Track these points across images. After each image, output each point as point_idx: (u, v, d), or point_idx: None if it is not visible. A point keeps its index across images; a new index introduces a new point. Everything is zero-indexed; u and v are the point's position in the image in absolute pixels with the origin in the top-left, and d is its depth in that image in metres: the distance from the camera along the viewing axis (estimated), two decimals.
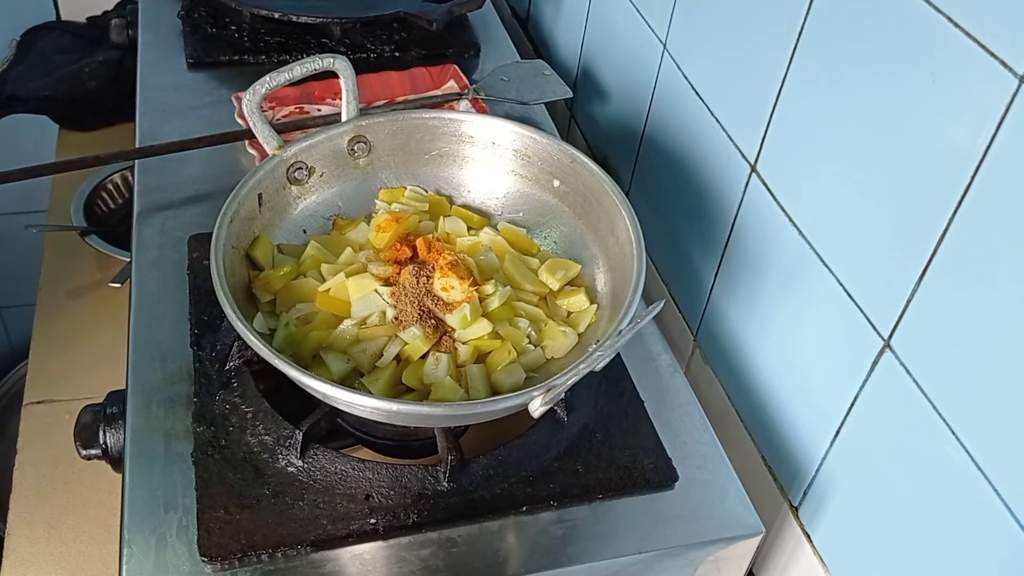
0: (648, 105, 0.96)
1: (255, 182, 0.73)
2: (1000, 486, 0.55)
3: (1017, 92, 0.51)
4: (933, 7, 0.56)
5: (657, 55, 0.93)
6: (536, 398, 0.58)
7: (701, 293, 0.88)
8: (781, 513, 0.77)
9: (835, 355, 0.69)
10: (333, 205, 0.80)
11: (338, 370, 0.67)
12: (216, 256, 0.65)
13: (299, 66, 0.73)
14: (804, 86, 0.70)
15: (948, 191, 0.56)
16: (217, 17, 1.13)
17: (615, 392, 0.75)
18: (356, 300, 0.70)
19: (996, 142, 0.53)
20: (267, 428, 0.68)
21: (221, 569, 0.62)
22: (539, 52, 1.28)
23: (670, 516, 0.69)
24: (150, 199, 0.89)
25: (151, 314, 0.78)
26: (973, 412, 0.57)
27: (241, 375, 0.72)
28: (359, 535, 0.64)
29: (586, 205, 0.77)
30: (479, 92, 1.03)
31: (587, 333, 0.72)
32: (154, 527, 0.64)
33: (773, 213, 0.75)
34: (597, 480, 0.69)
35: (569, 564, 0.65)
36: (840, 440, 0.69)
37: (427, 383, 0.67)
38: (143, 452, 0.68)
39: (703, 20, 0.84)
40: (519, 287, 0.74)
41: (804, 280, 0.72)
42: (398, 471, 0.67)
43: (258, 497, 0.65)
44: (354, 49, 1.11)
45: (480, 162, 0.82)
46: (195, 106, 1.02)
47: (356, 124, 0.79)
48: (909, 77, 0.59)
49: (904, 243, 0.60)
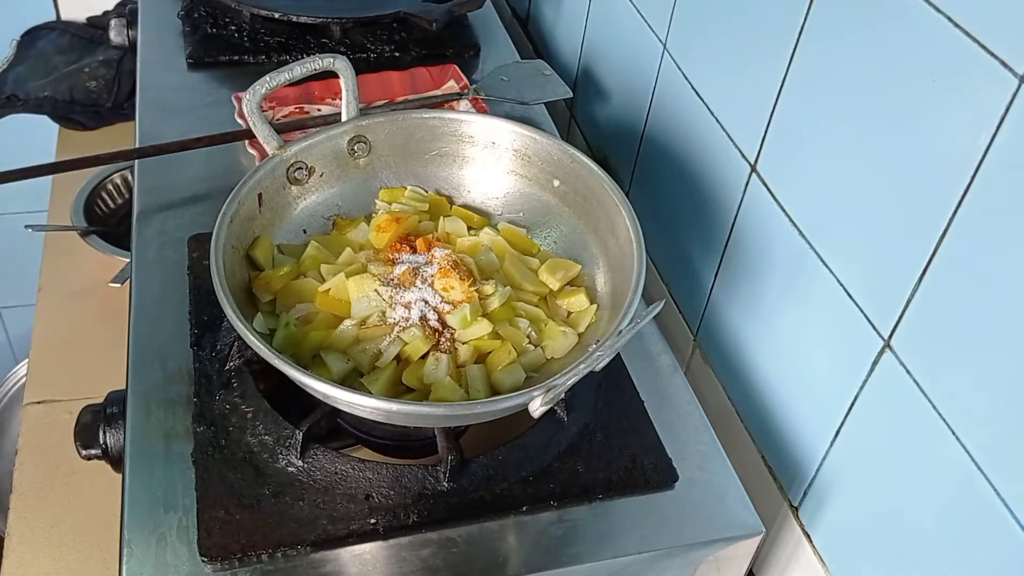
0: (648, 105, 0.96)
1: (255, 182, 0.73)
2: (1000, 486, 0.55)
3: (1017, 92, 0.51)
4: (933, 7, 0.56)
5: (657, 55, 0.93)
6: (536, 398, 0.58)
7: (701, 293, 0.88)
8: (781, 513, 0.77)
9: (835, 355, 0.69)
10: (333, 205, 0.80)
11: (338, 370, 0.67)
12: (216, 256, 0.65)
13: (299, 66, 0.73)
14: (804, 86, 0.70)
15: (948, 191, 0.56)
16: (217, 17, 1.13)
17: (615, 392, 0.75)
18: (356, 300, 0.70)
19: (996, 142, 0.53)
20: (267, 428, 0.68)
21: (221, 569, 0.62)
22: (539, 52, 1.28)
23: (670, 516, 0.69)
24: (150, 199, 0.89)
25: (151, 314, 0.78)
26: (973, 412, 0.57)
27: (241, 375, 0.72)
28: (359, 535, 0.64)
29: (586, 205, 0.77)
30: (479, 92, 1.03)
31: (587, 333, 0.72)
32: (154, 527, 0.64)
33: (773, 213, 0.75)
34: (597, 480, 0.69)
35: (569, 564, 0.65)
36: (840, 440, 0.69)
37: (427, 383, 0.67)
38: (143, 452, 0.68)
39: (703, 20, 0.84)
40: (519, 287, 0.74)
41: (804, 280, 0.72)
42: (398, 471, 0.67)
43: (258, 497, 0.65)
44: (354, 49, 1.11)
45: (480, 162, 0.82)
46: (195, 106, 1.02)
47: (356, 124, 0.79)
48: (909, 77, 0.59)
49: (904, 243, 0.60)
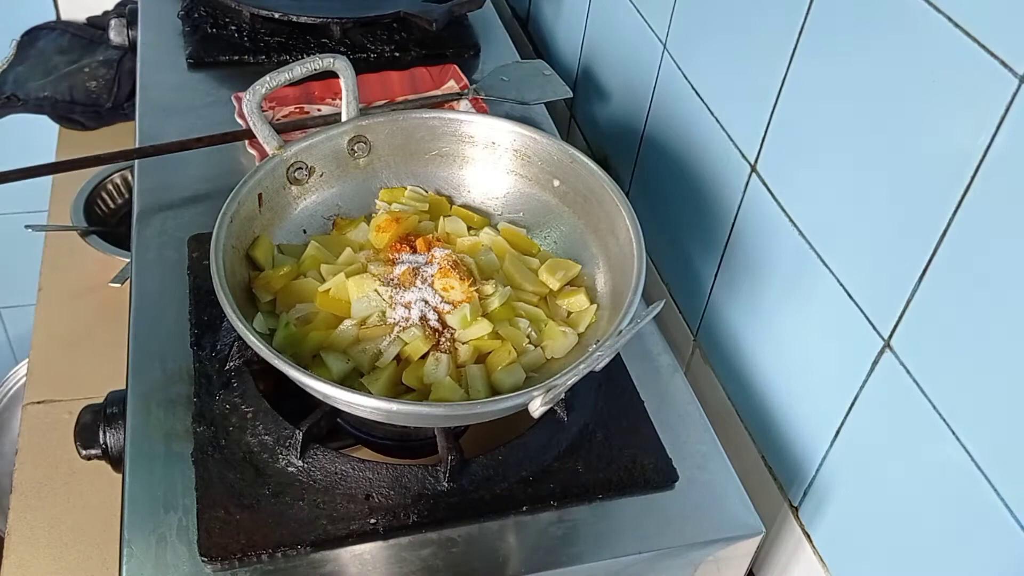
0: (648, 105, 0.96)
1: (255, 182, 0.73)
2: (1000, 486, 0.55)
3: (1017, 92, 0.51)
4: (933, 7, 0.56)
5: (657, 55, 0.93)
6: (536, 398, 0.58)
7: (701, 293, 0.88)
8: (781, 513, 0.77)
9: (835, 355, 0.69)
10: (333, 205, 0.80)
11: (338, 370, 0.67)
12: (216, 256, 0.65)
13: (299, 66, 0.73)
14: (804, 86, 0.70)
15: (948, 191, 0.56)
16: (217, 17, 1.13)
17: (615, 392, 0.75)
18: (356, 300, 0.70)
19: (996, 142, 0.53)
20: (267, 428, 0.68)
21: (221, 569, 0.62)
22: (539, 52, 1.28)
23: (670, 516, 0.69)
24: (150, 199, 0.89)
25: (151, 314, 0.78)
26: (973, 412, 0.57)
27: (241, 375, 0.72)
28: (359, 535, 0.64)
29: (586, 205, 0.77)
30: (479, 92, 1.03)
31: (587, 333, 0.72)
32: (154, 527, 0.64)
33: (773, 213, 0.75)
34: (597, 480, 0.69)
35: (569, 564, 0.65)
36: (840, 440, 0.69)
37: (427, 383, 0.67)
38: (143, 452, 0.68)
39: (703, 20, 0.84)
40: (519, 287, 0.74)
41: (804, 280, 0.72)
42: (398, 471, 0.67)
43: (258, 497, 0.65)
44: (354, 49, 1.11)
45: (480, 162, 0.82)
46: (195, 106, 1.02)
47: (356, 124, 0.79)
48: (909, 77, 0.59)
49: (904, 243, 0.60)
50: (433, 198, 0.81)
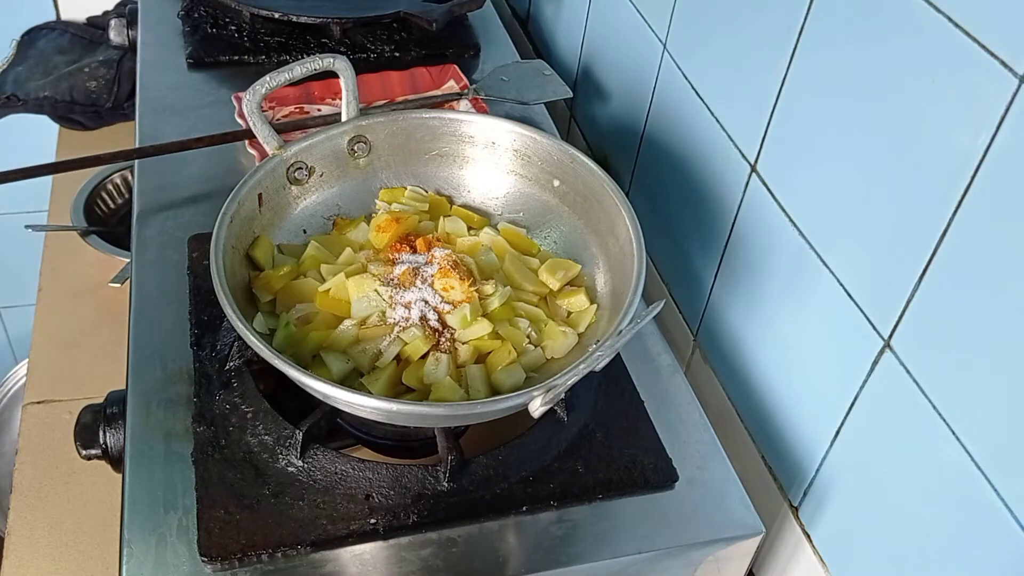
0: (648, 105, 0.96)
1: (255, 182, 0.73)
2: (1000, 486, 0.55)
3: (1017, 92, 0.51)
4: (933, 7, 0.56)
5: (657, 55, 0.93)
6: (536, 398, 0.58)
7: (701, 293, 0.88)
8: (781, 513, 0.77)
9: (835, 355, 0.69)
10: (333, 205, 0.80)
11: (338, 370, 0.67)
12: (216, 256, 0.65)
13: (299, 66, 0.73)
14: (804, 86, 0.70)
15: (948, 191, 0.56)
16: (217, 17, 1.13)
17: (615, 392, 0.75)
18: (356, 300, 0.70)
19: (996, 142, 0.53)
20: (267, 428, 0.68)
21: (221, 569, 0.62)
22: (539, 52, 1.28)
23: (670, 516, 0.69)
24: (150, 199, 0.89)
25: (151, 314, 0.78)
26: (973, 412, 0.57)
27: (241, 375, 0.72)
28: (359, 535, 0.64)
29: (586, 205, 0.77)
30: (479, 92, 1.03)
31: (587, 333, 0.72)
32: (154, 527, 0.64)
33: (773, 213, 0.75)
34: (597, 480, 0.69)
35: (569, 564, 0.65)
36: (840, 440, 0.69)
37: (427, 383, 0.67)
38: (143, 452, 0.68)
39: (703, 20, 0.84)
40: (519, 287, 0.74)
41: (804, 280, 0.72)
42: (398, 471, 0.67)
43: (258, 497, 0.65)
44: (354, 49, 1.11)
45: (480, 162, 0.82)
46: (195, 106, 1.02)
47: (356, 124, 0.79)
48: (909, 77, 0.59)
49: (904, 243, 0.60)
50: (433, 198, 0.81)
